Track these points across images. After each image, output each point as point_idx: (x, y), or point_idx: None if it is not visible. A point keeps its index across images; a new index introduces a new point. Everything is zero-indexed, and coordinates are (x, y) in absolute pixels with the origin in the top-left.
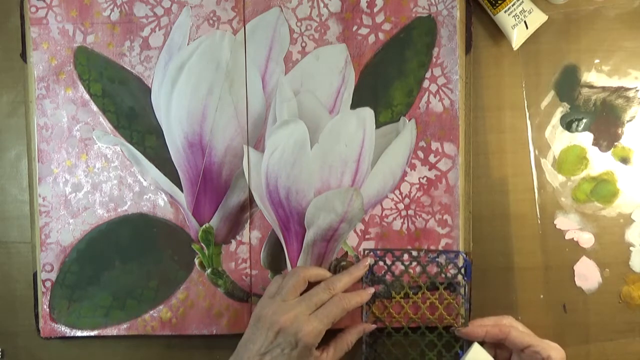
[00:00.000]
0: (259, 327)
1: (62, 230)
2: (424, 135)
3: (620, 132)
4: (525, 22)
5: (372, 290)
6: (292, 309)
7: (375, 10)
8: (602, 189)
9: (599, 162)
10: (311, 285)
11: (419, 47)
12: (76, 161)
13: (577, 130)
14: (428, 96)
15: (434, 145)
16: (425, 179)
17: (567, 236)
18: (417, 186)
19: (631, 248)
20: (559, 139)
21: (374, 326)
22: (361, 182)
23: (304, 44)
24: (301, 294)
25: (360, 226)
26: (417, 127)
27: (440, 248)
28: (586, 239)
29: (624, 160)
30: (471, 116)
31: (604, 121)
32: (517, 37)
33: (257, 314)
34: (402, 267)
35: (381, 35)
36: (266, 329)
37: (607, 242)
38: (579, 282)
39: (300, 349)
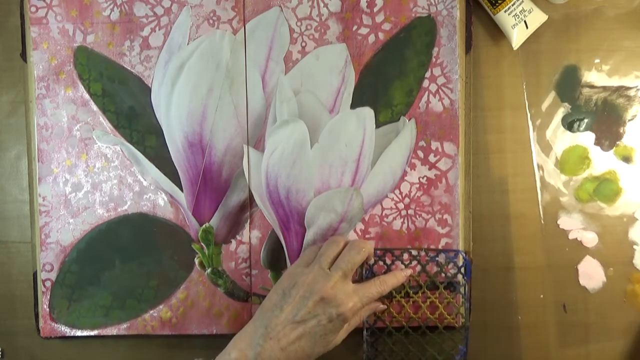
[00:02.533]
0: (291, 294)
1: (62, 229)
2: (423, 134)
3: (621, 131)
4: (525, 21)
5: (409, 271)
6: (332, 278)
7: (375, 10)
8: (605, 188)
9: (601, 161)
10: None
11: (419, 47)
12: (76, 161)
13: (578, 130)
14: (428, 96)
15: (434, 144)
16: (425, 178)
17: (571, 236)
18: (417, 186)
19: (635, 247)
20: (561, 139)
21: (384, 306)
22: (361, 181)
23: (304, 44)
24: None
25: (360, 226)
26: (417, 127)
27: (440, 247)
28: (590, 239)
29: (626, 159)
30: (471, 116)
31: (606, 120)
32: (517, 36)
33: (292, 281)
34: (402, 267)
35: (381, 35)
36: (303, 297)
37: (610, 241)
38: (583, 281)
39: (337, 322)
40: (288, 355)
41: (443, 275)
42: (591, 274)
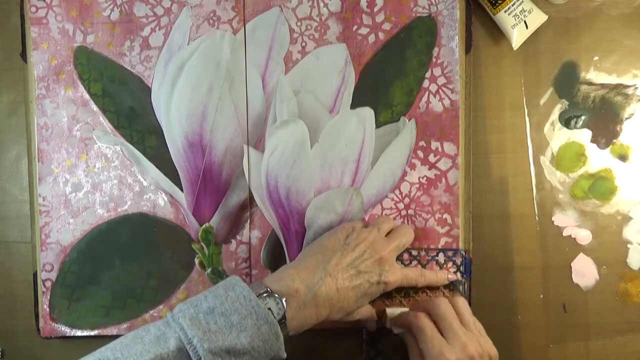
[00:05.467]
0: (351, 245)
1: (62, 230)
2: (423, 134)
3: (618, 129)
4: (525, 21)
5: (453, 277)
6: (390, 245)
7: (375, 9)
8: (600, 186)
9: (597, 159)
10: None
11: (419, 47)
12: (76, 161)
13: (575, 127)
14: (428, 96)
15: (434, 144)
16: (425, 178)
17: (565, 233)
18: (417, 186)
19: (629, 245)
20: (558, 136)
21: (375, 318)
22: (361, 181)
23: (304, 44)
24: None
25: None
26: (417, 127)
27: (439, 247)
28: (584, 236)
29: (622, 157)
30: (471, 116)
31: (603, 118)
32: (517, 36)
33: (352, 234)
34: (402, 266)
35: (381, 35)
36: (364, 251)
37: (604, 240)
38: (576, 279)
39: (377, 287)
40: (339, 297)
41: None
42: (584, 271)
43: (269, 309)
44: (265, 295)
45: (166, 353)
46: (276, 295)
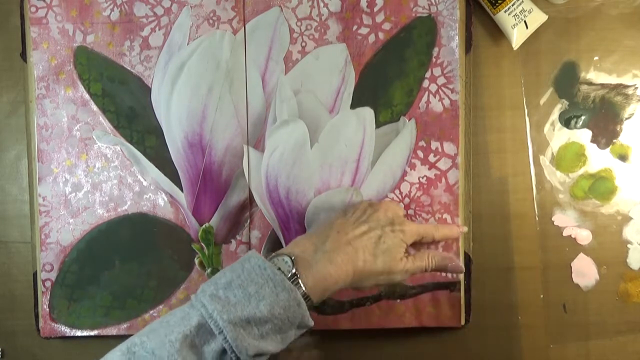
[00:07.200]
0: (357, 209)
1: (62, 230)
2: (423, 134)
3: (618, 129)
4: (525, 21)
5: (465, 229)
6: (402, 210)
7: (375, 9)
8: (600, 186)
9: (597, 159)
10: None
11: (419, 47)
12: (76, 161)
13: (575, 127)
14: (428, 96)
15: (434, 144)
16: (425, 178)
17: (565, 233)
18: (417, 186)
19: (629, 245)
20: (558, 136)
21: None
22: (361, 181)
23: (303, 44)
24: None
25: None
26: (417, 127)
27: (440, 247)
28: (584, 236)
29: (622, 157)
30: (471, 116)
31: (603, 118)
32: (517, 36)
33: (359, 204)
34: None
35: (381, 35)
36: (367, 208)
37: (604, 240)
38: (576, 279)
39: (395, 235)
40: (355, 249)
41: (443, 275)
42: (584, 271)
43: (279, 268)
44: (274, 258)
45: (188, 329)
46: (284, 255)
